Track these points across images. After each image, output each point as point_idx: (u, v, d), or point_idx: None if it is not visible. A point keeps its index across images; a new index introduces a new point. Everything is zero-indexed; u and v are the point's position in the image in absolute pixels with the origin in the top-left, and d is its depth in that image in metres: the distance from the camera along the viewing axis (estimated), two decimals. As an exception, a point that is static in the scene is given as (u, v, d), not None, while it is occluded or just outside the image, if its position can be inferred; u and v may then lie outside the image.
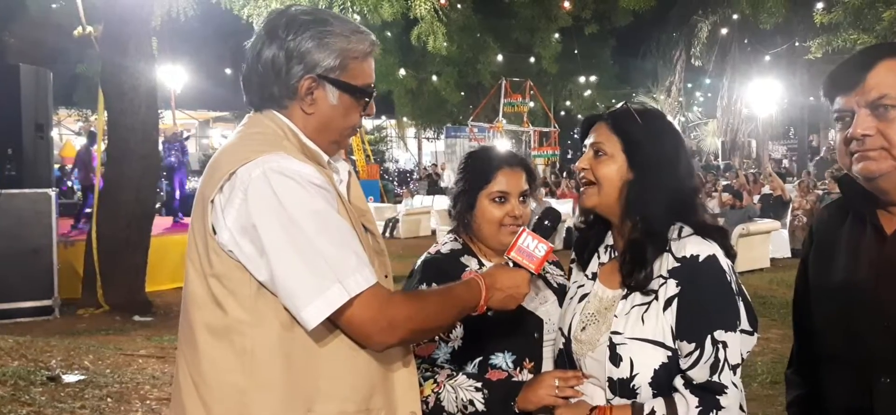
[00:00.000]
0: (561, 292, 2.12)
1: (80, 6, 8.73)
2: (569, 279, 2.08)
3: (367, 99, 1.71)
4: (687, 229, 1.75)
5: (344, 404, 1.59)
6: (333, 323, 1.54)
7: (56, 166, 14.36)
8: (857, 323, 1.59)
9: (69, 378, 5.16)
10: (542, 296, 2.11)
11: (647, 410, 1.69)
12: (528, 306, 2.04)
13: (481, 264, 2.10)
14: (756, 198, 15.01)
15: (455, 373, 1.97)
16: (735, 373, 1.68)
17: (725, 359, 1.66)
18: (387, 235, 17.92)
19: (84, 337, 7.06)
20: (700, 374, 1.67)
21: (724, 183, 16.95)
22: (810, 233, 1.83)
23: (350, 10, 11.39)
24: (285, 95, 1.65)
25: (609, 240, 1.93)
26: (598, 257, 1.94)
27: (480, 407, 1.91)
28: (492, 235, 2.09)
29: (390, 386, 1.69)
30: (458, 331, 2.00)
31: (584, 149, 1.90)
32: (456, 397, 1.91)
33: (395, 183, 29.00)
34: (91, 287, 8.62)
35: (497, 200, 2.09)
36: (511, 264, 1.84)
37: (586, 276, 1.95)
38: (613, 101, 29.48)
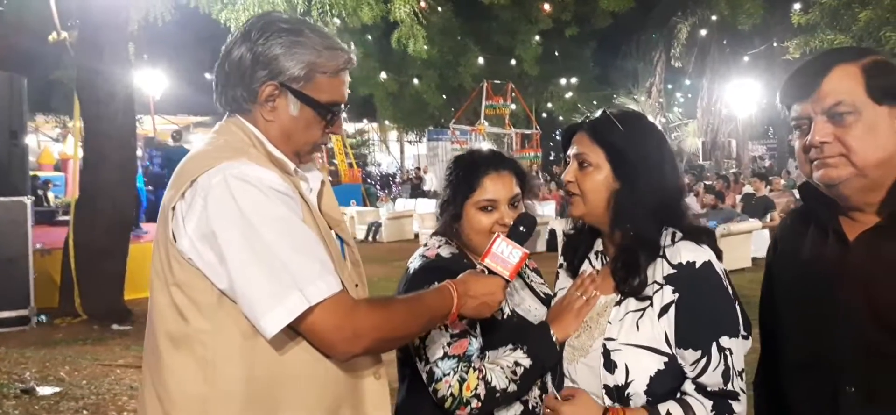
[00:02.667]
0: (548, 303, 2.07)
1: (54, 11, 8.58)
2: (555, 283, 2.04)
3: (332, 117, 1.67)
4: (679, 234, 1.73)
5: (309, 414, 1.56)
6: (297, 332, 1.50)
7: (32, 173, 14.13)
8: (822, 332, 1.58)
9: (44, 391, 5.07)
10: (527, 305, 2.05)
11: (662, 412, 1.66)
12: (517, 311, 2.00)
13: None
14: (738, 197, 15.11)
15: (485, 355, 1.91)
16: (741, 379, 1.68)
17: (733, 366, 1.66)
18: (369, 239, 17.84)
19: (61, 347, 6.94)
20: (712, 381, 1.65)
21: (706, 184, 17.03)
22: (774, 240, 1.82)
23: (329, 12, 11.31)
24: (247, 99, 1.62)
25: (599, 246, 1.91)
26: (590, 264, 1.92)
27: (527, 362, 1.85)
28: (482, 245, 1.95)
29: (359, 398, 1.66)
30: (478, 328, 1.92)
31: (567, 159, 1.87)
32: (502, 369, 1.84)
33: (378, 187, 28.90)
34: (68, 296, 8.47)
35: (485, 209, 1.99)
36: (486, 272, 1.79)
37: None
38: (595, 103, 29.78)
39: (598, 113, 1.84)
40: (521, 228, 1.87)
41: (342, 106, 1.68)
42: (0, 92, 8.28)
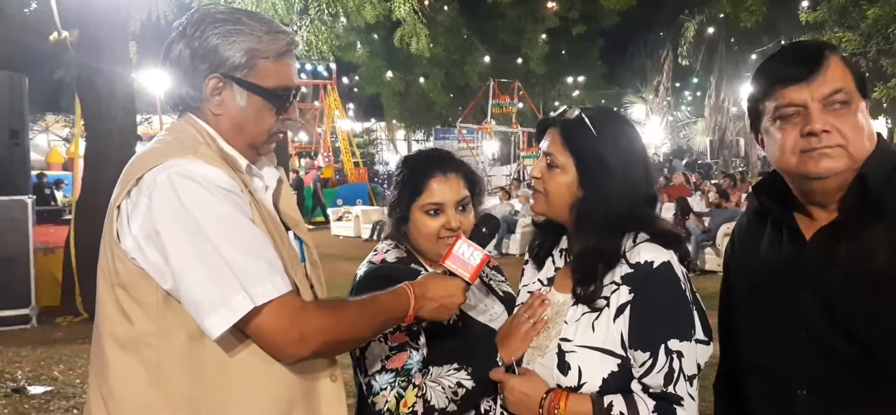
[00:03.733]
0: (507, 301, 2.03)
1: (55, 11, 8.61)
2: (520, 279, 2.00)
3: (282, 103, 1.62)
4: (642, 235, 1.68)
5: None
6: (245, 334, 1.47)
7: (40, 172, 14.22)
8: (777, 333, 1.54)
9: (35, 390, 5.06)
10: (484, 304, 2.01)
11: (606, 402, 1.61)
12: (479, 318, 1.96)
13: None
14: (743, 196, 14.99)
15: (428, 370, 1.84)
16: (691, 384, 1.61)
17: (681, 369, 1.59)
18: (375, 238, 17.82)
19: (60, 346, 6.95)
20: (654, 382, 1.60)
21: (714, 182, 16.93)
22: (732, 240, 1.77)
23: (325, 10, 11.30)
24: (194, 96, 1.58)
25: (564, 243, 1.86)
26: (553, 262, 1.87)
27: (470, 383, 1.79)
28: (430, 249, 1.94)
29: (314, 402, 1.62)
30: (423, 339, 1.88)
31: (538, 152, 1.83)
32: (443, 388, 1.78)
33: (384, 186, 28.94)
34: (70, 295, 8.50)
35: (431, 212, 1.94)
36: (447, 273, 1.76)
37: (541, 281, 1.88)
38: (603, 101, 29.62)
39: (574, 112, 1.77)
40: (484, 230, 1.83)
41: (293, 91, 1.63)
42: (0, 91, 8.31)
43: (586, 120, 1.71)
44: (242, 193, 1.51)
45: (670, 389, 1.59)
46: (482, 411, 1.87)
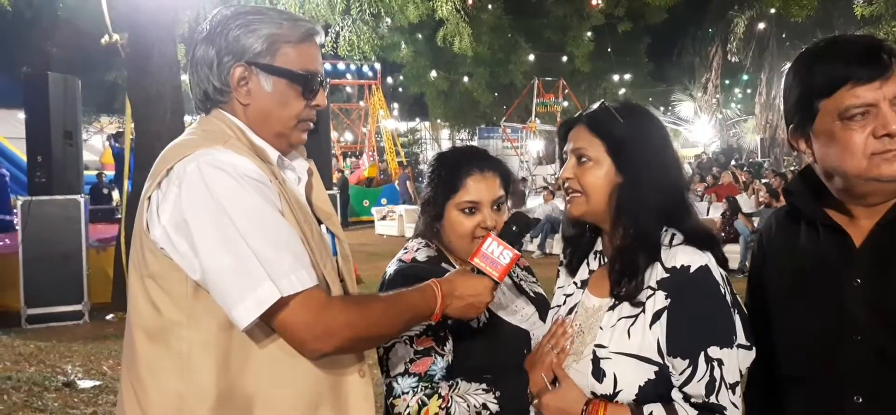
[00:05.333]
0: (539, 302, 2.00)
1: (106, 14, 8.83)
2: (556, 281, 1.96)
3: (308, 86, 1.62)
4: (678, 237, 1.63)
5: (287, 413, 1.52)
6: (271, 327, 1.47)
7: (90, 172, 14.62)
8: (826, 339, 1.47)
9: (84, 384, 5.21)
10: (515, 305, 1.99)
11: (646, 412, 1.57)
12: (509, 319, 1.94)
13: None
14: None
15: (456, 383, 1.81)
16: (733, 392, 1.55)
17: (722, 378, 1.54)
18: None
19: (110, 341, 7.13)
20: (695, 392, 1.55)
21: (764, 182, 16.53)
22: (760, 244, 1.70)
23: (367, 10, 11.36)
24: (222, 90, 1.60)
25: (599, 246, 1.82)
26: (588, 265, 1.83)
27: (495, 408, 1.75)
28: (463, 248, 1.91)
29: (341, 396, 1.60)
30: (449, 345, 1.86)
31: (564, 155, 1.78)
32: (468, 406, 1.75)
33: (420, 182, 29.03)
34: (121, 291, 8.72)
35: (467, 211, 1.92)
36: (475, 271, 1.73)
37: (575, 284, 1.84)
38: (650, 99, 29.20)
39: (595, 105, 1.75)
40: (514, 228, 1.79)
41: (318, 76, 1.64)
42: (55, 93, 8.57)
43: (611, 109, 1.69)
44: (271, 184, 1.51)
45: (713, 398, 1.53)
46: None
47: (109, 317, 8.49)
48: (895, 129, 1.37)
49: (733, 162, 26.40)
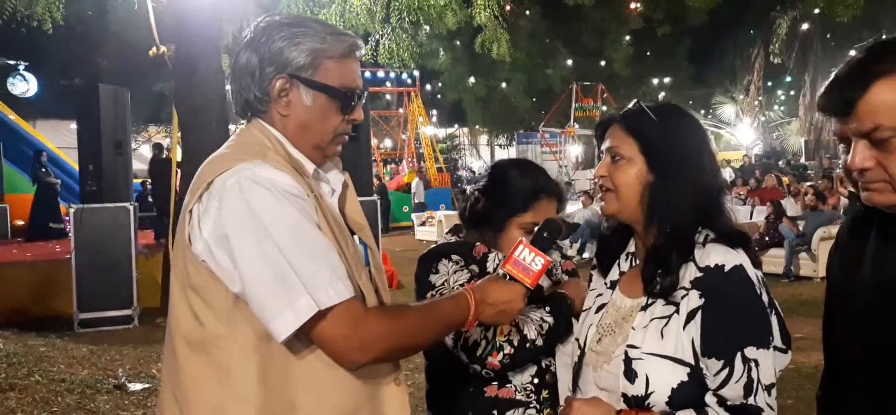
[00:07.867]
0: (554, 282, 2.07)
1: (153, 26, 9.06)
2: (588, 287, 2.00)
3: (347, 102, 1.65)
4: (711, 235, 1.62)
5: None
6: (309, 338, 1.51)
7: (137, 181, 14.98)
8: (886, 349, 1.40)
9: (135, 386, 5.35)
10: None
11: None
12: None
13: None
14: (842, 199, 14.29)
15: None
16: (769, 394, 1.54)
17: (758, 379, 1.52)
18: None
19: (158, 345, 7.27)
20: (733, 394, 1.53)
21: (810, 184, 16.19)
22: (836, 245, 1.65)
23: (406, 18, 11.43)
24: (262, 99, 1.62)
25: (631, 247, 1.82)
26: (619, 266, 1.83)
27: (551, 319, 1.95)
28: None
29: (378, 405, 1.63)
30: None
31: (600, 154, 1.82)
32: (532, 320, 1.92)
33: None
34: (169, 296, 8.89)
35: (529, 230, 1.95)
36: (506, 278, 1.74)
37: (605, 284, 1.85)
38: (690, 102, 28.80)
39: (631, 104, 1.75)
40: (545, 234, 1.82)
41: (357, 92, 1.66)
42: (105, 104, 8.83)
43: (646, 108, 1.70)
44: (308, 198, 1.54)
45: (750, 400, 1.52)
46: None
47: (159, 321, 8.63)
48: (855, 165, 1.34)
49: (781, 163, 25.88)
